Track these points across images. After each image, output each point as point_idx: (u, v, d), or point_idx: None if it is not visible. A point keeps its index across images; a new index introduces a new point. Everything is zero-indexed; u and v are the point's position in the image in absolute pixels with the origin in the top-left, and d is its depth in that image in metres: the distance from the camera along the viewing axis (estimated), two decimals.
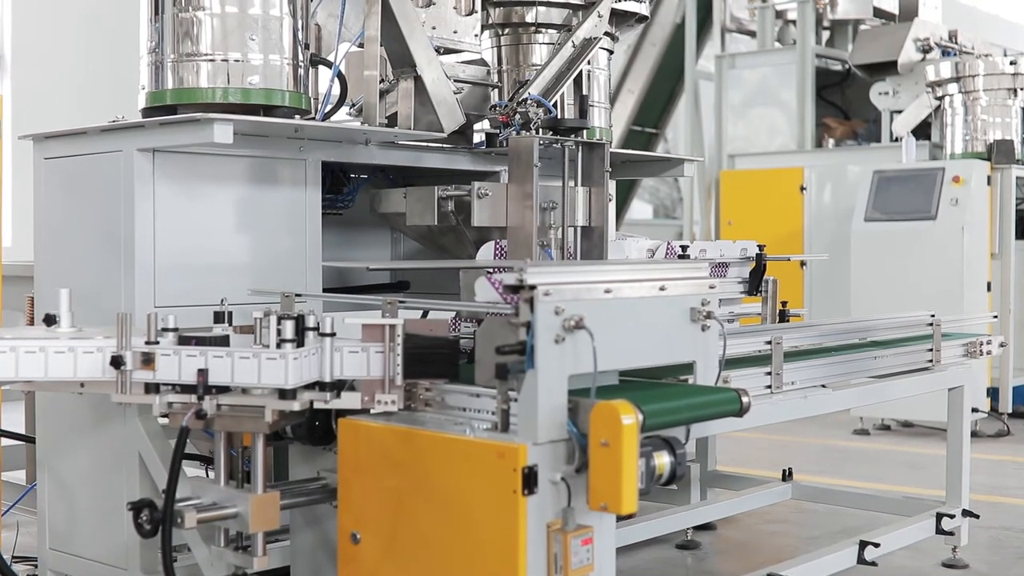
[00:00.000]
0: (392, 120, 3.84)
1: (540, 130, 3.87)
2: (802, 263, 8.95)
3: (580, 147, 3.66)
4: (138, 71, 3.55)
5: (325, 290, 3.91)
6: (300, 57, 3.52)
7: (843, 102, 9.75)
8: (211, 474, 3.95)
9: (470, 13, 4.07)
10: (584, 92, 4.14)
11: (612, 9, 4.30)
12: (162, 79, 3.41)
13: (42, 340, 2.84)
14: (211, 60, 3.37)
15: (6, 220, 10.42)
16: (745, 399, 2.96)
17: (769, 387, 3.43)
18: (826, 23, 9.42)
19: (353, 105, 3.94)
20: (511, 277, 2.65)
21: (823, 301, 8.69)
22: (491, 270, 3.04)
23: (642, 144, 10.90)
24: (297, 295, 3.34)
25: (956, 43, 8.79)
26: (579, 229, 3.76)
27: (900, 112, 8.55)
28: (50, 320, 3.05)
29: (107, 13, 10.52)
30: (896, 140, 8.54)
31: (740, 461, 6.22)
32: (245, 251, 3.55)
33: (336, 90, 3.75)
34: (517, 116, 3.88)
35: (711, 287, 3.07)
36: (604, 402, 2.57)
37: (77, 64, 10.37)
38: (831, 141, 9.05)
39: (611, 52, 4.51)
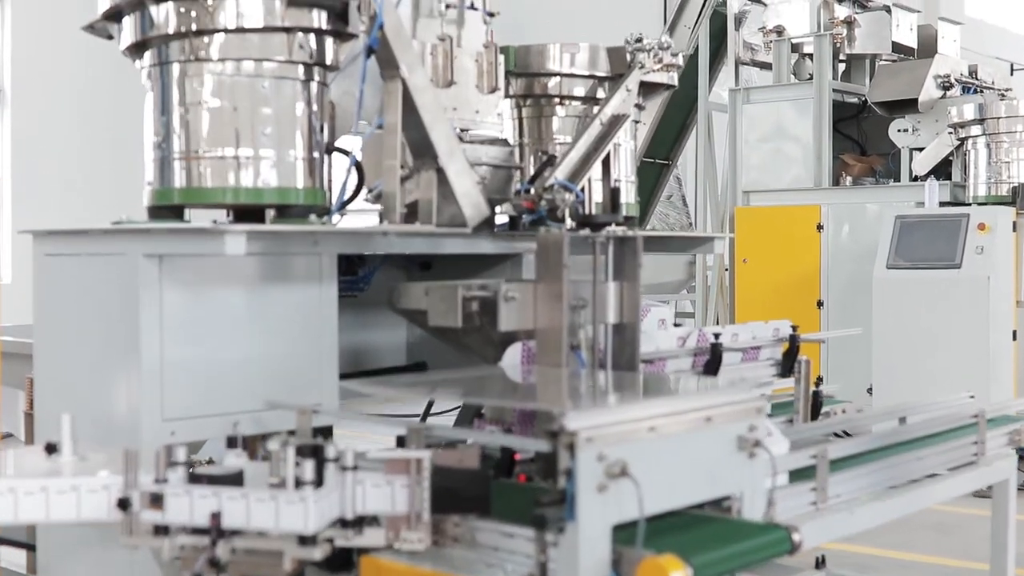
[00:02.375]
0: (412, 208, 3.64)
1: (567, 216, 3.68)
2: (819, 302, 8.84)
3: (611, 241, 3.46)
4: (138, 92, 3.35)
5: (342, 376, 3.72)
6: (315, 148, 3.32)
7: (859, 135, 9.54)
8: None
9: (493, 91, 3.87)
10: (614, 175, 3.95)
11: (640, 81, 4.10)
12: (169, 176, 3.21)
13: (43, 479, 2.64)
14: (221, 157, 3.17)
15: (5, 251, 10.27)
16: (796, 537, 2.77)
17: (814, 503, 3.23)
18: (842, 56, 9.21)
19: (370, 191, 3.74)
20: (550, 422, 2.46)
21: (841, 345, 8.49)
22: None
23: (653, 176, 10.69)
24: (314, 411, 3.15)
25: (976, 79, 8.58)
26: (610, 327, 3.57)
27: (919, 149, 8.35)
28: (51, 449, 2.86)
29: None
30: (915, 179, 8.34)
31: None
32: (257, 355, 3.35)
33: (353, 178, 3.54)
34: (543, 202, 3.68)
35: (758, 410, 2.88)
36: (651, 559, 2.39)
37: (77, 85, 10.20)
38: (848, 179, 8.84)
39: (637, 121, 4.32)
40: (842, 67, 9.42)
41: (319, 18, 3.22)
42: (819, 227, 8.67)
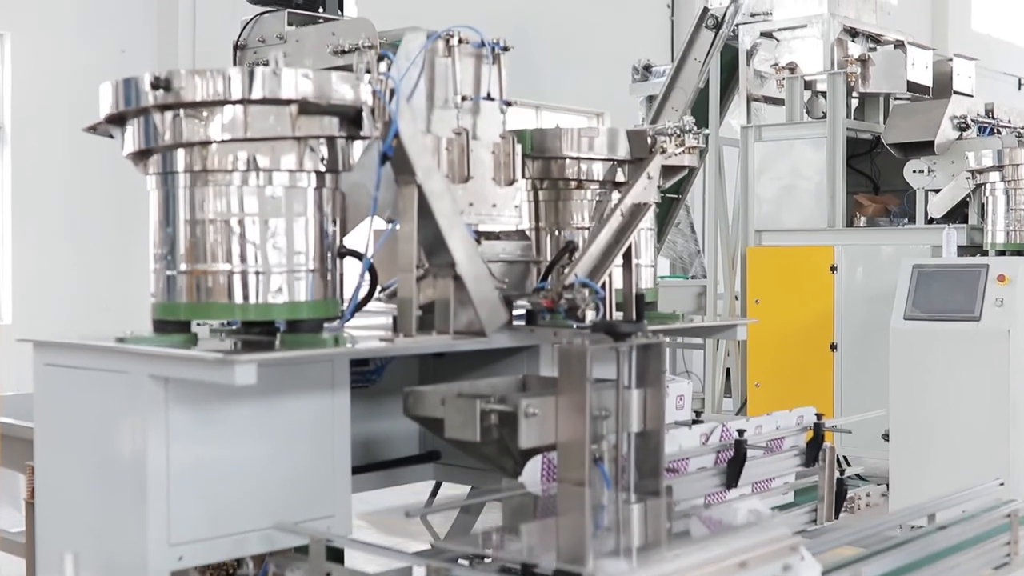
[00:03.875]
0: (428, 309, 3.51)
1: (587, 314, 3.56)
2: (832, 345, 8.69)
3: (635, 349, 3.33)
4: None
5: (355, 469, 3.61)
6: (326, 254, 3.18)
7: (872, 171, 9.40)
8: None
9: (511, 183, 3.74)
10: (635, 261, 3.81)
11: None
12: (174, 291, 3.07)
13: None
14: (229, 272, 3.03)
15: (6, 291, 10.14)
16: None
17: None
18: (855, 94, 9.06)
19: (384, 290, 3.61)
20: None
21: (855, 387, 8.36)
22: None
23: (663, 210, 10.53)
24: (327, 541, 3.03)
25: (993, 118, 8.44)
26: (633, 435, 3.43)
27: (935, 191, 8.20)
28: None
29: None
30: (931, 221, 8.20)
31: None
32: (267, 470, 3.23)
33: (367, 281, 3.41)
34: (563, 301, 3.55)
35: (792, 548, 2.75)
36: None
37: (77, 121, 10.07)
38: (863, 219, 8.70)
39: (658, 204, 4.19)
40: (855, 102, 9.26)
41: (332, 125, 3.09)
42: (833, 268, 8.53)
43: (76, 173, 10.01)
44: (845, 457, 8.17)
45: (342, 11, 4.20)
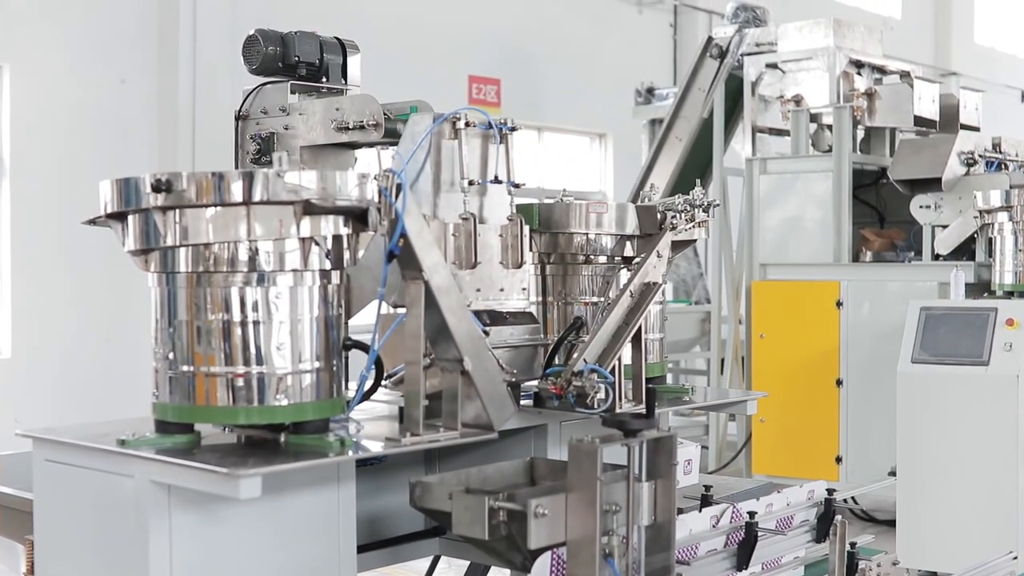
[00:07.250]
0: (434, 396, 3.45)
1: (598, 403, 3.50)
2: (838, 381, 8.62)
3: (645, 444, 3.27)
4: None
5: (359, 548, 3.55)
6: (331, 349, 3.12)
7: (878, 202, 9.33)
8: None
9: (519, 265, 3.68)
10: (644, 336, 3.75)
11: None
12: (176, 393, 3.01)
13: None
14: (232, 376, 2.97)
15: (5, 325, 10.06)
16: None
17: None
18: (861, 128, 8.99)
19: (389, 377, 3.55)
20: None
21: (860, 426, 8.31)
22: None
23: None
24: None
25: (1000, 152, 8.37)
26: (643, 528, 3.37)
27: (942, 226, 8.13)
28: None
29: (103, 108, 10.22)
30: (938, 257, 8.13)
31: None
32: (272, 569, 3.17)
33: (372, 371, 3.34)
34: (572, 388, 3.50)
35: None
36: None
37: (76, 154, 10.01)
38: (868, 254, 8.63)
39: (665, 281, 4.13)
40: (861, 133, 9.19)
41: (337, 224, 3.03)
42: (838, 304, 8.48)
43: (75, 205, 9.92)
44: (854, 498, 8.14)
45: (346, 79, 4.12)
